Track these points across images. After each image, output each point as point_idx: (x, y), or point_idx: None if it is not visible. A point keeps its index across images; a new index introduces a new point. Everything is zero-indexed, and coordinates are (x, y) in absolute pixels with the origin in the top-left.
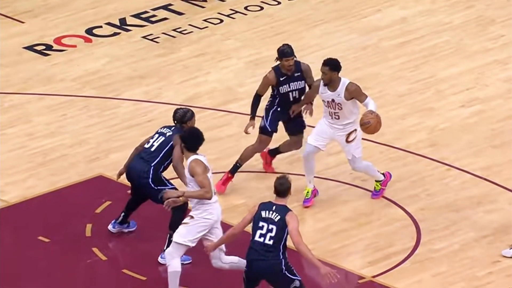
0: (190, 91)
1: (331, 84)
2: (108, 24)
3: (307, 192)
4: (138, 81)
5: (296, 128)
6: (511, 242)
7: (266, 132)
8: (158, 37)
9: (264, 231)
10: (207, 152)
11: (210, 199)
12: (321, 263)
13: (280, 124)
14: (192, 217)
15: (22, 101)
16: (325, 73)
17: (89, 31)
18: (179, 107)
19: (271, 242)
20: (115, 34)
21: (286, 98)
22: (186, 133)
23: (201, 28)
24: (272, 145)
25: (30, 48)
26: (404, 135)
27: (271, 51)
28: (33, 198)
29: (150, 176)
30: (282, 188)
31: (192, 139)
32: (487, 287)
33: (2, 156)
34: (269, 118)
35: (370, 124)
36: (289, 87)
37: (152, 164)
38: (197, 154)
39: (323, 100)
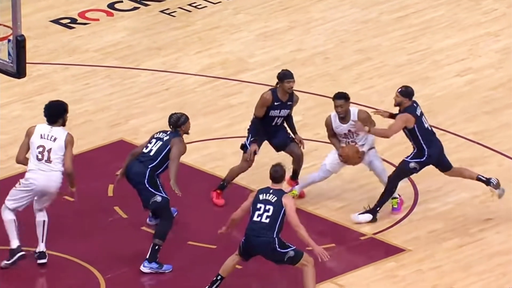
0: (204, 62)
1: (346, 116)
2: None
3: (293, 193)
4: (156, 52)
5: (284, 139)
6: (503, 201)
7: (246, 148)
8: (174, 11)
9: (261, 212)
10: (221, 118)
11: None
12: (315, 244)
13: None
14: (19, 182)
15: (49, 70)
16: (341, 106)
17: (111, 5)
18: (174, 112)
19: (267, 221)
20: (134, 8)
21: (270, 121)
22: (51, 105)
23: (214, 3)
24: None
25: (56, 21)
26: None
27: (279, 24)
28: None
29: (147, 177)
30: (277, 175)
31: (57, 110)
32: (479, 243)
33: (31, 121)
34: (249, 137)
35: (344, 157)
36: (279, 112)
37: (150, 166)
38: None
39: (339, 135)
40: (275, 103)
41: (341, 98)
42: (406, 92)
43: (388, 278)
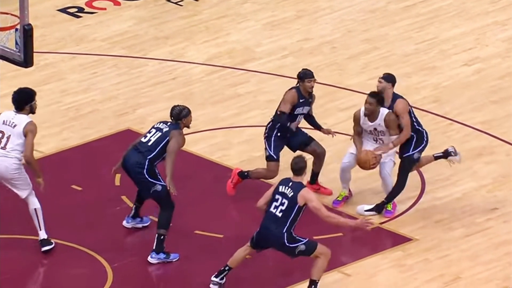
0: (211, 51)
1: (372, 115)
2: None
3: (341, 195)
4: (163, 41)
5: (305, 138)
6: (511, 190)
7: (272, 159)
8: (181, 0)
9: (278, 204)
10: (228, 108)
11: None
12: (352, 220)
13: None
14: None
15: (56, 60)
16: (370, 104)
17: None
18: (176, 104)
19: (280, 215)
20: None
21: (293, 119)
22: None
23: None
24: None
25: (63, 10)
26: (409, 92)
27: (286, 13)
28: (67, 150)
29: (146, 167)
30: (297, 167)
31: (23, 98)
32: (486, 232)
33: (39, 110)
34: (272, 146)
35: (358, 163)
36: (302, 109)
37: (148, 157)
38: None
39: (365, 130)
40: (300, 100)
41: (374, 97)
42: (390, 78)
43: (395, 267)
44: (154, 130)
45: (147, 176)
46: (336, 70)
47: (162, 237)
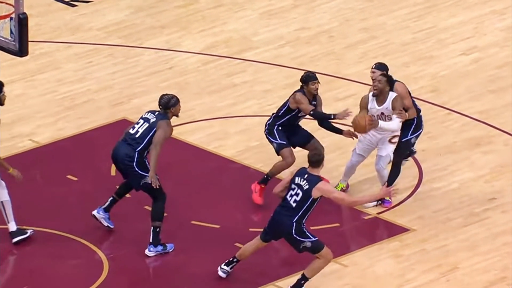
0: (208, 40)
1: (380, 96)
2: None
3: (339, 186)
4: (159, 31)
5: (306, 136)
6: (509, 180)
7: (284, 146)
8: None
9: (293, 193)
10: (225, 97)
11: None
12: (375, 194)
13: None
14: None
15: (51, 49)
16: (380, 82)
17: None
18: (165, 93)
19: (294, 205)
20: None
21: (295, 120)
22: None
23: None
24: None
25: None
26: (407, 81)
27: (283, 2)
28: (62, 140)
29: (135, 160)
30: (314, 159)
31: None
32: (484, 222)
33: (34, 100)
34: (277, 136)
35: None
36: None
37: (137, 150)
38: None
39: (372, 115)
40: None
41: (385, 76)
42: (384, 67)
43: (392, 257)
44: (142, 121)
45: (137, 169)
46: (333, 59)
47: (158, 229)
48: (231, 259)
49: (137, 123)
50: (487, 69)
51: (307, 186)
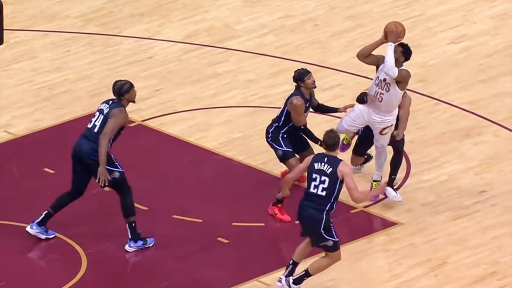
0: (189, 28)
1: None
2: None
3: (346, 139)
4: (139, 19)
5: (304, 143)
6: (499, 172)
7: (291, 155)
8: None
9: (317, 183)
10: (207, 87)
11: None
12: (375, 190)
13: None
14: None
15: (27, 37)
16: (395, 51)
17: None
18: (118, 79)
19: (324, 193)
20: None
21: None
22: None
23: None
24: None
25: None
26: None
27: None
28: (39, 131)
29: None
30: (332, 141)
31: None
32: (474, 216)
33: (9, 90)
34: (282, 144)
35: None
36: (308, 110)
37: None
38: None
39: (377, 77)
40: (307, 104)
41: (402, 47)
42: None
43: (379, 252)
44: (97, 114)
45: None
46: (318, 48)
47: (133, 224)
48: (288, 263)
49: (94, 116)
50: (477, 58)
51: (330, 169)
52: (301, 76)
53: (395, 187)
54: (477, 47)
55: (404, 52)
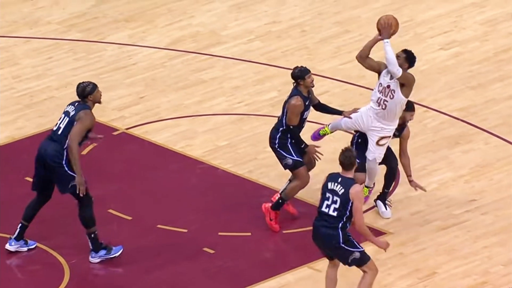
0: (174, 35)
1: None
2: None
3: (326, 131)
4: (123, 24)
5: (301, 149)
6: (489, 180)
7: (300, 164)
8: None
9: (329, 202)
10: (193, 94)
11: None
12: (378, 240)
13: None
14: None
15: (8, 44)
16: (399, 57)
17: None
18: (81, 81)
19: (335, 214)
20: None
21: (302, 124)
22: None
23: None
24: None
25: None
26: None
27: None
28: (21, 139)
29: (64, 159)
30: (348, 161)
31: None
32: (464, 225)
33: None
34: (292, 152)
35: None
36: (308, 111)
37: (65, 147)
38: None
39: (380, 84)
40: (306, 103)
41: (405, 53)
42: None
43: None
44: (63, 116)
45: (66, 168)
46: (306, 54)
47: (93, 235)
48: None
49: (59, 119)
50: (467, 65)
51: (342, 190)
52: (302, 74)
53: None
54: (467, 53)
55: (407, 58)
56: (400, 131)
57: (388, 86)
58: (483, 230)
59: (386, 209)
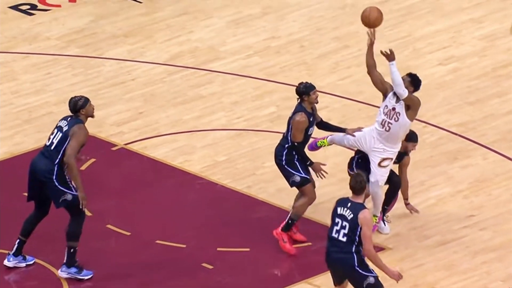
0: (173, 50)
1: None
2: None
3: (324, 142)
4: (122, 40)
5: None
6: (488, 196)
7: (308, 181)
8: None
9: (338, 227)
10: (191, 110)
11: None
12: (389, 269)
13: None
14: None
15: (7, 59)
16: (403, 81)
17: None
18: (73, 95)
19: (344, 239)
20: None
21: (306, 141)
22: None
23: None
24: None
25: (15, 7)
26: None
27: (252, 10)
28: (20, 155)
29: (55, 173)
30: (359, 186)
31: None
32: (462, 240)
33: None
34: (299, 168)
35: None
36: (313, 127)
37: (56, 162)
38: None
39: (385, 106)
40: (310, 119)
41: (410, 77)
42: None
43: None
44: (56, 131)
45: (56, 183)
46: (304, 70)
47: (72, 250)
48: None
49: (52, 133)
50: (465, 80)
51: (351, 215)
52: (307, 90)
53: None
54: (465, 68)
55: (412, 82)
56: (400, 159)
57: (394, 109)
58: (482, 245)
59: (384, 225)
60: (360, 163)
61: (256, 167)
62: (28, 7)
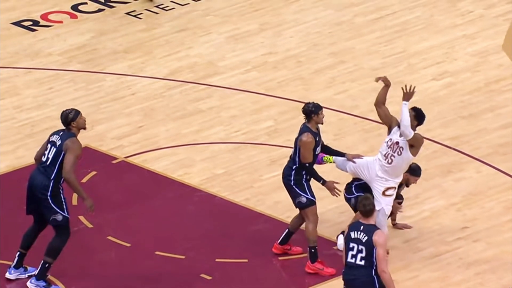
0: (172, 65)
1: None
2: (93, 0)
3: (329, 159)
4: (122, 55)
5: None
6: (481, 208)
7: (313, 202)
8: (141, 13)
9: (354, 252)
10: (191, 124)
11: None
12: None
13: None
14: None
15: (10, 74)
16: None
17: (75, 7)
18: (65, 109)
19: (362, 263)
20: (99, 10)
21: (315, 161)
22: None
23: (182, 5)
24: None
25: (18, 23)
26: None
27: (250, 26)
28: (22, 168)
29: (50, 190)
30: (366, 209)
31: None
32: (456, 252)
33: None
34: (306, 190)
35: None
36: (319, 146)
37: (52, 178)
38: None
39: (390, 139)
40: (316, 139)
41: (414, 111)
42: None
43: None
44: (49, 146)
45: (50, 201)
46: (301, 85)
47: (47, 265)
48: None
49: (46, 149)
50: (459, 95)
51: (366, 238)
52: (316, 110)
53: None
54: (459, 84)
55: (416, 116)
56: (398, 189)
57: (397, 143)
58: (475, 257)
59: None
60: (359, 187)
61: (254, 180)
62: (31, 23)
